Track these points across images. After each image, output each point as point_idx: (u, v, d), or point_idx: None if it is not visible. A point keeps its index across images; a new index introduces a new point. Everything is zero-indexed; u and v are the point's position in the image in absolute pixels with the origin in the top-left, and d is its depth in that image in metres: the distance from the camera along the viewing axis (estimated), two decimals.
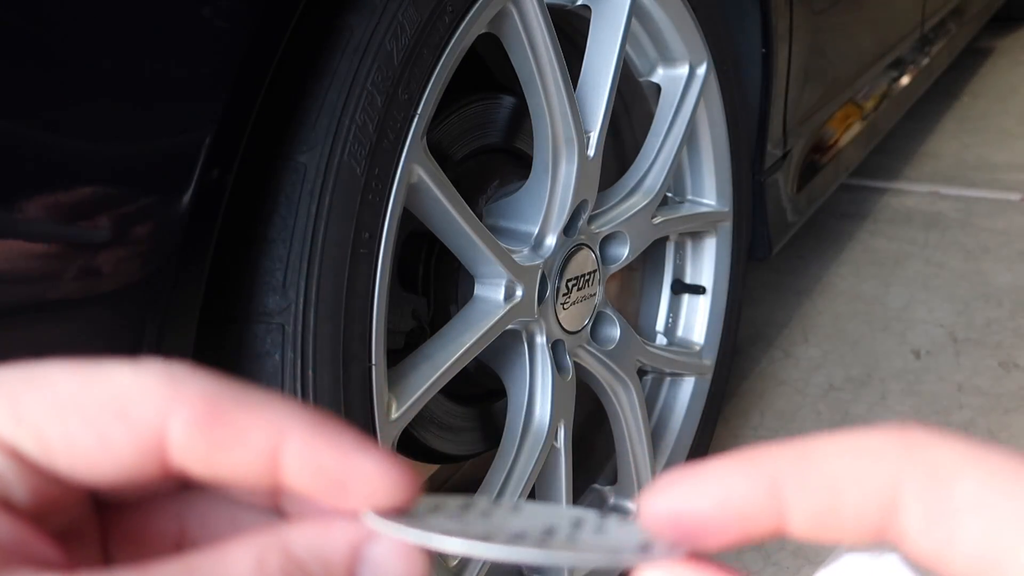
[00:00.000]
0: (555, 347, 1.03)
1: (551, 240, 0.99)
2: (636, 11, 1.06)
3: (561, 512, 0.27)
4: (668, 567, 0.24)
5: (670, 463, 1.31)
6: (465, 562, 0.95)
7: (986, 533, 0.22)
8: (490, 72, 1.16)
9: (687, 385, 1.34)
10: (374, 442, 0.26)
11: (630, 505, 1.24)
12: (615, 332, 1.14)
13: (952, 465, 0.23)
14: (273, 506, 0.28)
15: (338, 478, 0.25)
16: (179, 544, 0.27)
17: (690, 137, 1.25)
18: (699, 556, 0.25)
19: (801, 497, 0.24)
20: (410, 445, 1.06)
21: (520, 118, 1.07)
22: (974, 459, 0.23)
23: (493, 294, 0.94)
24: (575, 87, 1.01)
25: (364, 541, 0.25)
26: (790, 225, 1.64)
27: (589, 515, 0.27)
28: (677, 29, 1.15)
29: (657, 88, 1.21)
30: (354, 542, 0.25)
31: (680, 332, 1.36)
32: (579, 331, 1.07)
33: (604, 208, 1.11)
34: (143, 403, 0.24)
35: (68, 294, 0.56)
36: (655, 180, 1.16)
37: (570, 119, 0.97)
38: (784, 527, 0.24)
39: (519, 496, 0.99)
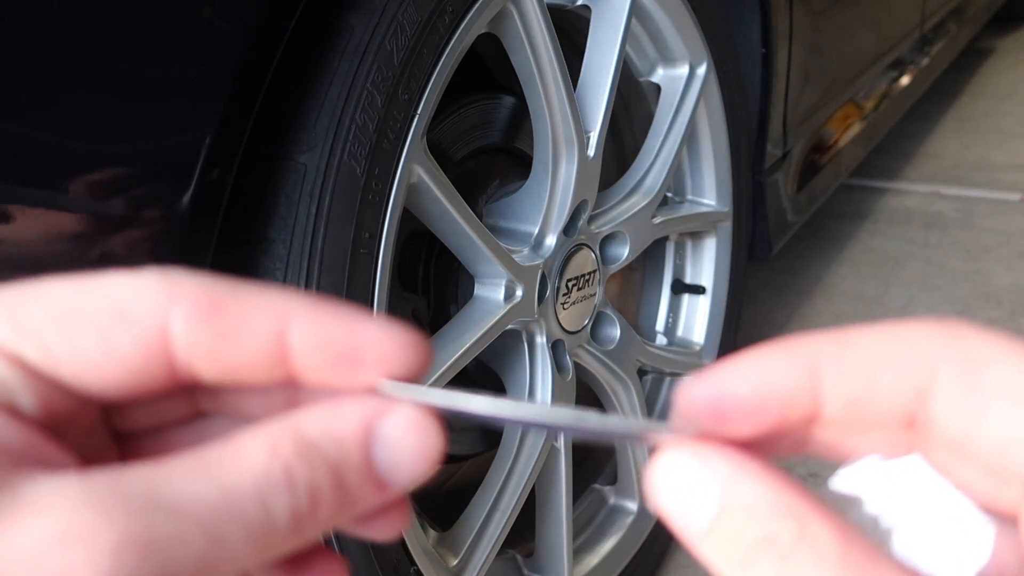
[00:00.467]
0: (555, 347, 1.04)
1: (551, 240, 0.99)
2: (636, 11, 1.06)
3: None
4: (686, 443, 0.24)
5: None
6: (465, 562, 0.95)
7: (1014, 415, 0.22)
8: (490, 72, 1.16)
9: None
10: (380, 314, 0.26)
11: (631, 505, 1.24)
12: (615, 332, 1.14)
13: (988, 352, 0.23)
14: None
15: (348, 350, 0.24)
16: None
17: (690, 137, 1.25)
18: (717, 436, 0.24)
19: (838, 379, 0.24)
20: None
21: (520, 118, 1.07)
22: (1009, 349, 0.23)
23: (493, 294, 0.94)
24: (575, 87, 1.01)
25: (376, 418, 0.25)
26: (790, 225, 1.64)
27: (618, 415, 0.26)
28: (677, 29, 1.15)
29: (657, 88, 1.21)
30: (366, 419, 0.24)
31: (680, 332, 1.36)
32: (579, 331, 1.07)
33: (604, 208, 1.11)
34: (142, 302, 0.24)
35: None
36: (655, 180, 1.16)
37: (570, 119, 0.97)
38: (819, 413, 0.24)
39: (519, 498, 0.99)
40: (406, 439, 0.25)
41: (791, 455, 0.26)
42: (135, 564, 0.20)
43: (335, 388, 0.25)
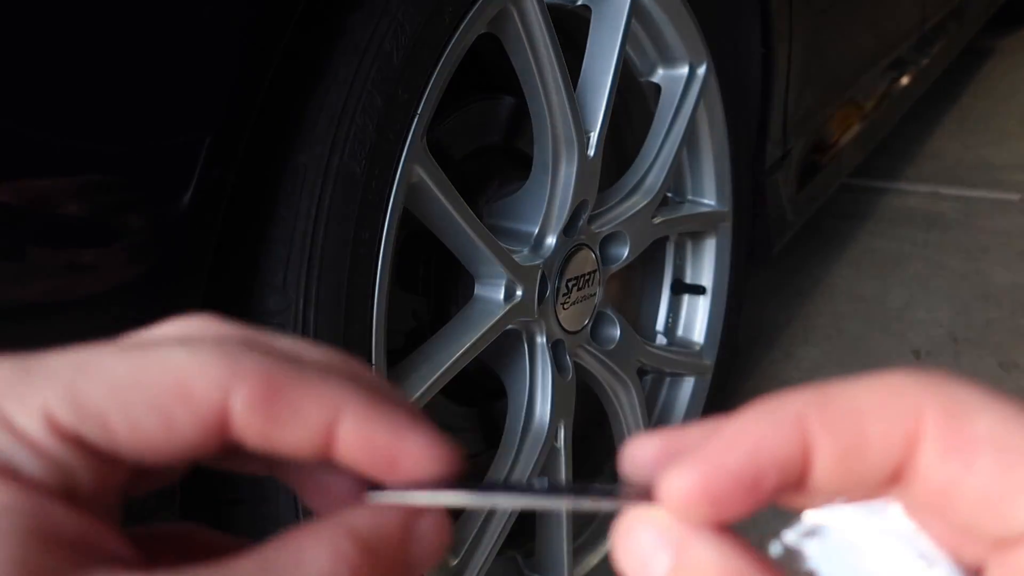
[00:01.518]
0: (555, 347, 1.03)
1: (551, 240, 0.99)
2: (636, 11, 1.06)
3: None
4: (647, 508, 0.24)
5: None
6: (465, 562, 0.95)
7: (999, 466, 0.22)
8: (490, 72, 1.16)
9: (687, 385, 1.34)
10: (424, 418, 0.27)
11: None
12: (615, 332, 1.14)
13: (972, 402, 0.23)
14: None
15: (389, 456, 0.26)
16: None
17: (690, 137, 1.25)
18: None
19: (827, 435, 0.23)
20: None
21: (520, 118, 1.07)
22: (993, 399, 0.23)
23: (493, 294, 0.94)
24: (575, 87, 1.01)
25: (413, 518, 0.26)
26: (790, 225, 1.64)
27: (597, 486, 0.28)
28: (677, 29, 1.15)
29: (657, 88, 1.21)
30: (405, 520, 0.26)
31: (680, 332, 1.36)
32: (579, 331, 1.07)
33: (604, 208, 1.11)
34: (204, 384, 0.24)
35: (67, 293, 0.56)
36: (655, 180, 1.16)
37: (570, 119, 0.97)
38: (808, 474, 0.24)
39: None
40: (435, 535, 0.27)
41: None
42: None
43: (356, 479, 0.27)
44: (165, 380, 0.24)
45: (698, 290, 1.35)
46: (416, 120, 0.78)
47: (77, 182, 0.56)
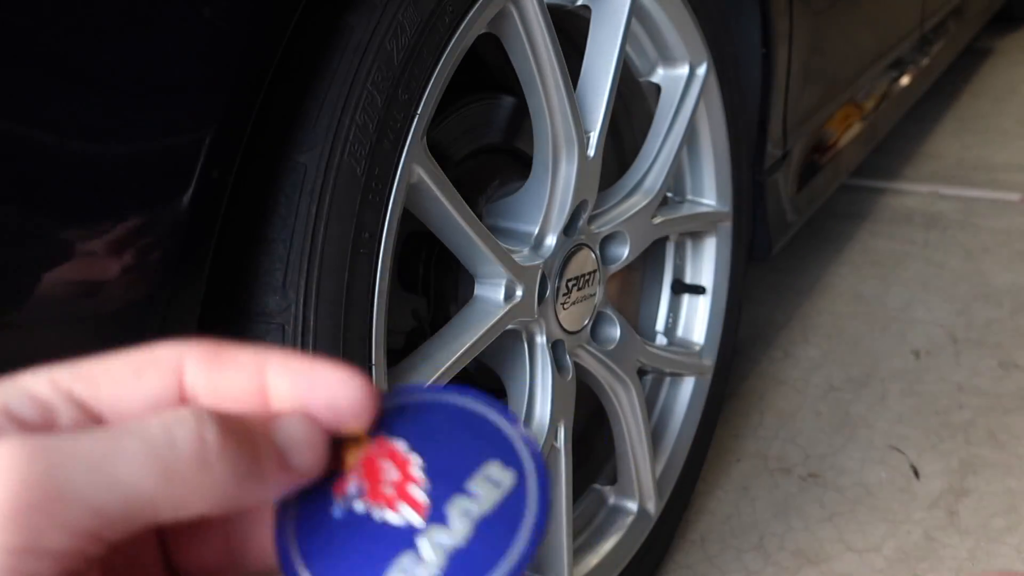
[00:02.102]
0: (555, 347, 1.03)
1: (551, 240, 0.99)
2: (636, 11, 1.06)
3: None
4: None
5: (670, 463, 1.31)
6: None
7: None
8: (490, 72, 1.16)
9: (687, 385, 1.34)
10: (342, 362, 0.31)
11: (631, 505, 1.24)
12: (615, 332, 1.14)
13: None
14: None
15: (311, 385, 0.30)
16: None
17: (690, 137, 1.25)
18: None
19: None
20: None
21: (520, 118, 1.07)
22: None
23: (493, 294, 0.94)
24: (575, 87, 1.01)
25: (277, 414, 0.31)
26: (790, 225, 1.64)
27: None
28: (677, 29, 1.15)
29: (657, 88, 1.21)
30: (269, 414, 0.31)
31: (680, 332, 1.36)
32: (579, 331, 1.07)
33: (604, 208, 1.11)
34: (165, 351, 0.31)
35: (67, 293, 0.56)
36: (655, 180, 1.16)
37: (570, 119, 0.97)
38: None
39: None
40: (301, 426, 0.30)
41: None
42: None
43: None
44: (138, 353, 0.31)
45: (698, 290, 1.35)
46: (416, 120, 0.78)
47: (75, 182, 0.56)
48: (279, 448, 0.30)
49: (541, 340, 1.01)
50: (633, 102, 1.26)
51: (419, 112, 0.78)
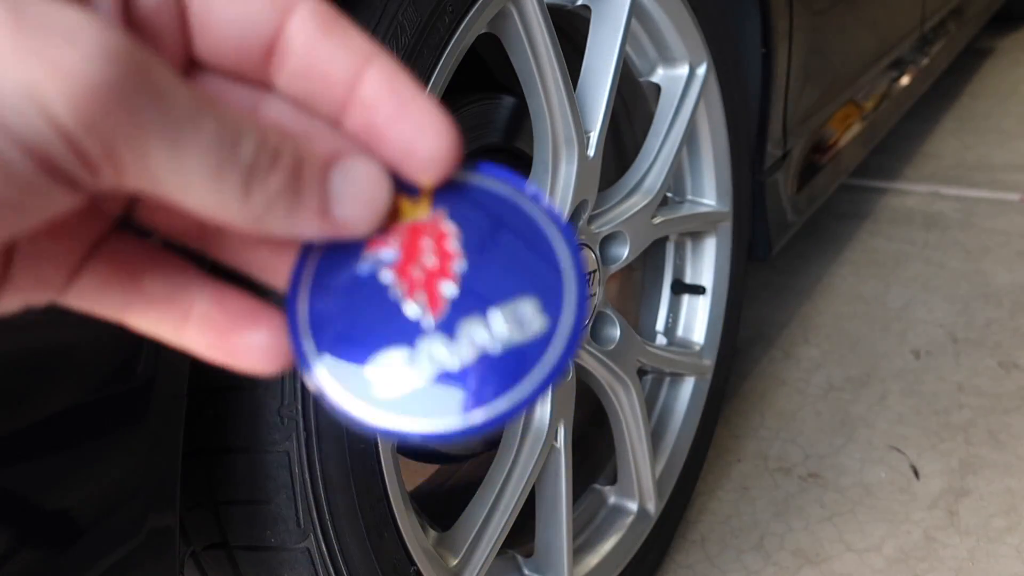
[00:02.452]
0: None
1: None
2: (636, 11, 1.06)
3: None
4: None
5: (670, 463, 1.31)
6: (465, 561, 0.95)
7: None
8: (490, 72, 1.16)
9: (687, 385, 1.34)
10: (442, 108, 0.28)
11: (631, 505, 1.24)
12: (615, 332, 1.14)
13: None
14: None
15: (402, 109, 0.27)
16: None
17: (690, 137, 1.25)
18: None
19: None
20: (410, 445, 1.06)
21: (520, 118, 1.07)
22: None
23: None
24: (575, 87, 1.01)
25: (347, 154, 0.28)
26: (790, 225, 1.64)
27: None
28: (677, 29, 1.15)
29: (657, 88, 1.21)
30: (338, 152, 0.28)
31: (680, 332, 1.36)
32: None
33: (604, 208, 1.11)
34: None
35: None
36: (655, 180, 1.16)
37: (570, 119, 0.97)
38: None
39: (519, 498, 0.99)
40: (364, 182, 0.27)
41: None
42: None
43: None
44: None
45: (698, 290, 1.35)
46: None
47: None
48: (328, 194, 0.27)
49: None
50: (633, 102, 1.26)
51: None
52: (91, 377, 0.57)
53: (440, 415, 0.26)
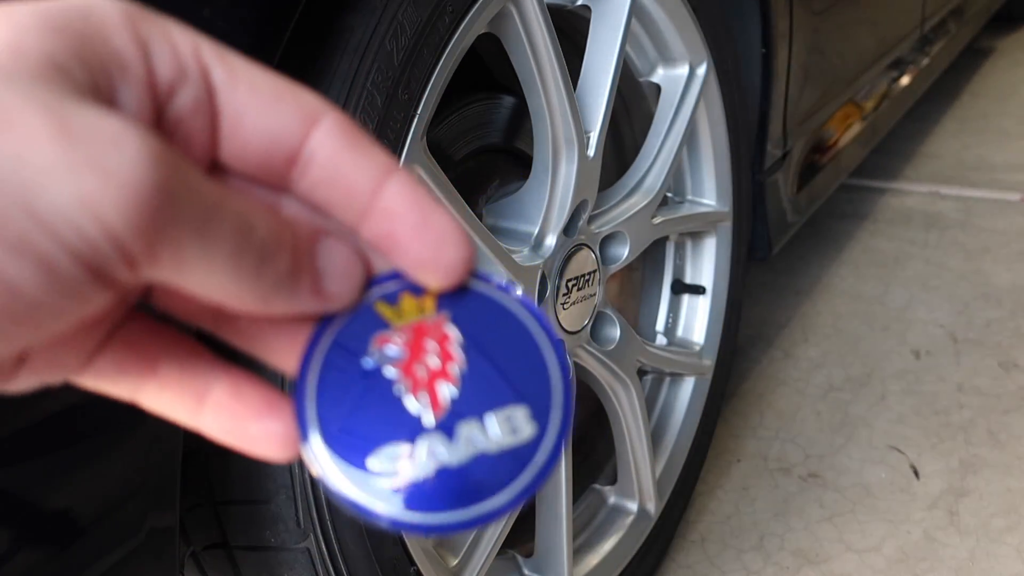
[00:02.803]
0: None
1: (551, 240, 0.99)
2: (636, 11, 1.06)
3: None
4: None
5: (670, 463, 1.31)
6: (465, 561, 0.95)
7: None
8: (490, 72, 1.16)
9: (687, 385, 1.34)
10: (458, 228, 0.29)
11: (631, 505, 1.24)
12: (615, 332, 1.14)
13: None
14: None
15: (421, 220, 0.29)
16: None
17: (690, 137, 1.25)
18: None
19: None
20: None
21: (520, 118, 1.07)
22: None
23: None
24: (575, 87, 1.01)
25: (325, 234, 0.30)
26: (790, 225, 1.64)
27: None
28: (677, 29, 1.15)
29: (657, 88, 1.21)
30: (319, 232, 0.29)
31: (680, 332, 1.36)
32: (579, 331, 1.07)
33: (604, 208, 1.10)
34: (314, 103, 0.29)
35: None
36: (655, 180, 1.16)
37: (570, 119, 0.97)
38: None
39: None
40: (343, 256, 0.29)
41: None
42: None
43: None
44: (287, 83, 0.29)
45: (698, 290, 1.35)
46: (416, 120, 0.78)
47: None
48: (316, 269, 0.29)
49: None
50: (633, 102, 1.26)
51: (419, 112, 0.78)
52: None
53: (438, 509, 0.28)
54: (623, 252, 1.13)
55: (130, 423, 0.60)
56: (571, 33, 1.11)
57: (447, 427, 0.29)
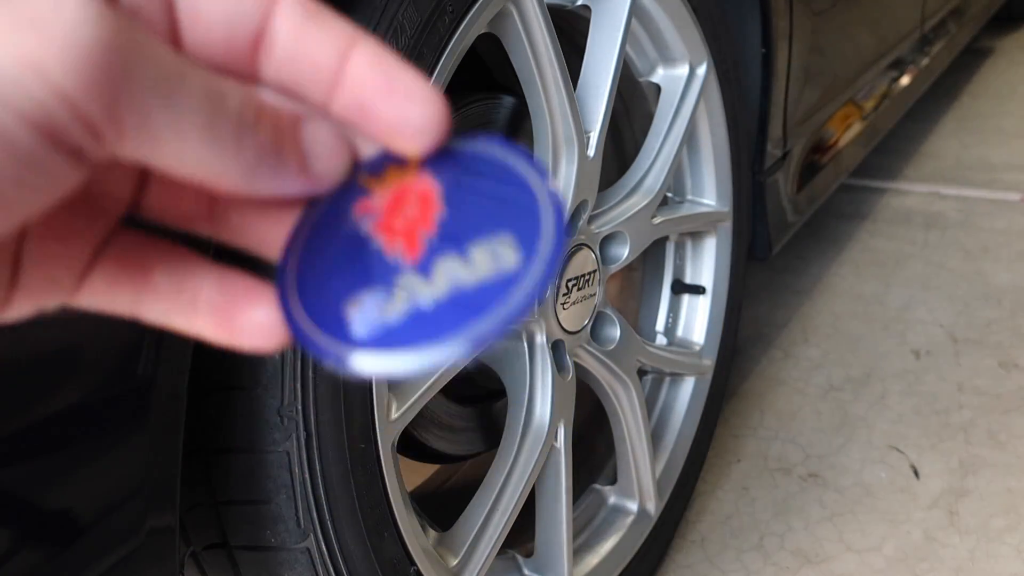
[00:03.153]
0: (555, 347, 1.03)
1: None
2: (636, 11, 1.06)
3: None
4: None
5: (670, 463, 1.31)
6: (465, 562, 0.95)
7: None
8: (490, 72, 1.16)
9: (687, 385, 1.34)
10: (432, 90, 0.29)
11: (631, 505, 1.24)
12: (615, 332, 1.14)
13: None
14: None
15: (389, 86, 0.28)
16: None
17: (690, 137, 1.25)
18: None
19: None
20: (410, 445, 1.06)
21: (520, 118, 1.07)
22: None
23: None
24: (575, 87, 1.01)
25: (303, 115, 0.29)
26: (790, 225, 1.64)
27: None
28: (677, 29, 1.15)
29: (657, 88, 1.21)
30: (294, 115, 0.29)
31: (680, 332, 1.36)
32: (579, 331, 1.07)
33: (604, 208, 1.10)
34: None
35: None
36: (655, 180, 1.16)
37: (570, 119, 0.97)
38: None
39: (519, 498, 0.99)
40: (328, 134, 0.29)
41: None
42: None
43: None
44: None
45: (698, 290, 1.35)
46: None
47: None
48: (302, 149, 0.29)
49: (541, 340, 1.01)
50: (633, 102, 1.26)
51: None
52: (91, 377, 0.57)
53: (418, 348, 0.27)
54: (623, 252, 1.13)
55: (130, 423, 0.60)
56: (571, 33, 1.11)
57: (424, 267, 0.28)
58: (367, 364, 0.27)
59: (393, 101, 0.28)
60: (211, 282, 0.30)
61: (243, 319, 0.30)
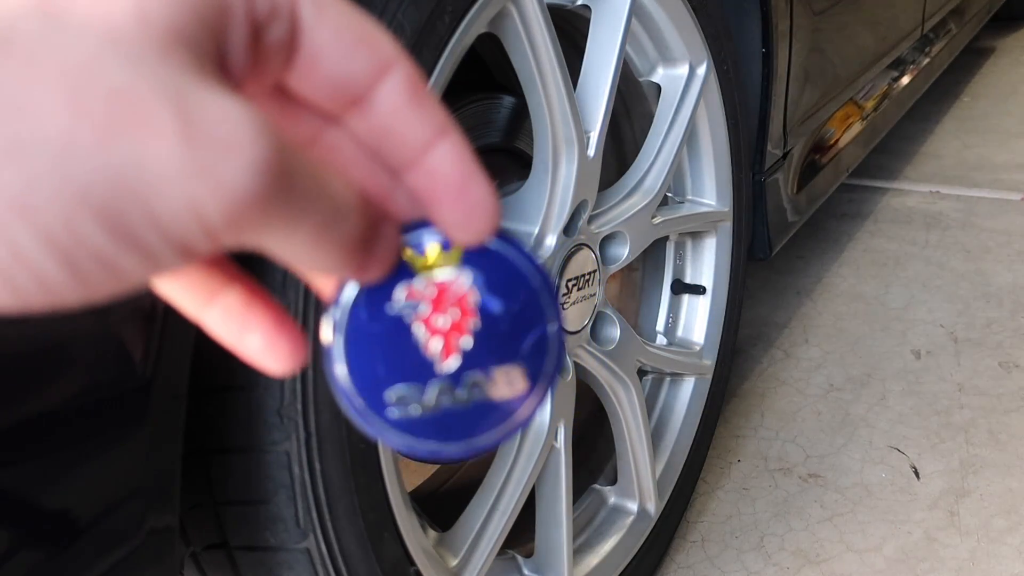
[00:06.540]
0: None
1: (551, 240, 0.99)
2: (636, 11, 1.06)
3: None
4: None
5: (670, 463, 1.31)
6: (465, 562, 0.95)
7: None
8: (490, 72, 1.16)
9: (687, 385, 1.34)
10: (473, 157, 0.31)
11: (631, 505, 1.24)
12: (615, 332, 1.14)
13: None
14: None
15: (463, 183, 0.31)
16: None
17: (690, 137, 1.25)
18: None
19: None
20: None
21: (520, 118, 1.07)
22: None
23: None
24: (575, 87, 1.01)
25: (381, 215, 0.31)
26: (790, 225, 1.64)
27: None
28: (677, 29, 1.15)
29: (657, 88, 1.21)
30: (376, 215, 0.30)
31: (680, 332, 1.36)
32: (579, 331, 1.07)
33: (604, 208, 1.10)
34: (389, 50, 0.29)
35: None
36: (655, 180, 1.16)
37: (570, 119, 0.97)
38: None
39: (519, 498, 0.99)
40: (393, 242, 0.32)
41: None
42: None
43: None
44: (368, 25, 0.29)
45: (698, 290, 1.35)
46: None
47: None
48: (376, 244, 0.30)
49: None
50: (633, 102, 1.26)
51: None
52: (91, 377, 0.57)
53: (433, 443, 0.33)
54: (623, 252, 1.13)
55: (130, 423, 0.60)
56: (571, 33, 1.11)
57: (456, 376, 0.32)
58: (391, 440, 0.32)
59: (464, 199, 0.31)
60: (239, 292, 0.32)
61: (261, 341, 0.32)
